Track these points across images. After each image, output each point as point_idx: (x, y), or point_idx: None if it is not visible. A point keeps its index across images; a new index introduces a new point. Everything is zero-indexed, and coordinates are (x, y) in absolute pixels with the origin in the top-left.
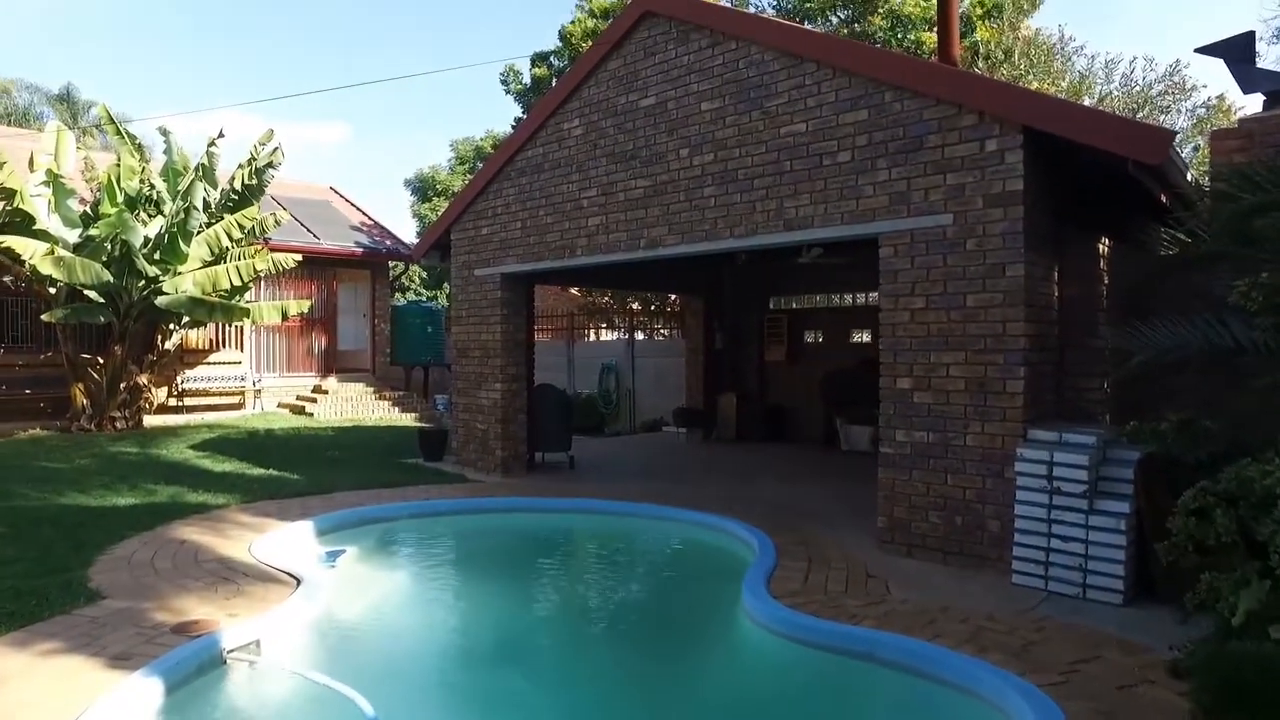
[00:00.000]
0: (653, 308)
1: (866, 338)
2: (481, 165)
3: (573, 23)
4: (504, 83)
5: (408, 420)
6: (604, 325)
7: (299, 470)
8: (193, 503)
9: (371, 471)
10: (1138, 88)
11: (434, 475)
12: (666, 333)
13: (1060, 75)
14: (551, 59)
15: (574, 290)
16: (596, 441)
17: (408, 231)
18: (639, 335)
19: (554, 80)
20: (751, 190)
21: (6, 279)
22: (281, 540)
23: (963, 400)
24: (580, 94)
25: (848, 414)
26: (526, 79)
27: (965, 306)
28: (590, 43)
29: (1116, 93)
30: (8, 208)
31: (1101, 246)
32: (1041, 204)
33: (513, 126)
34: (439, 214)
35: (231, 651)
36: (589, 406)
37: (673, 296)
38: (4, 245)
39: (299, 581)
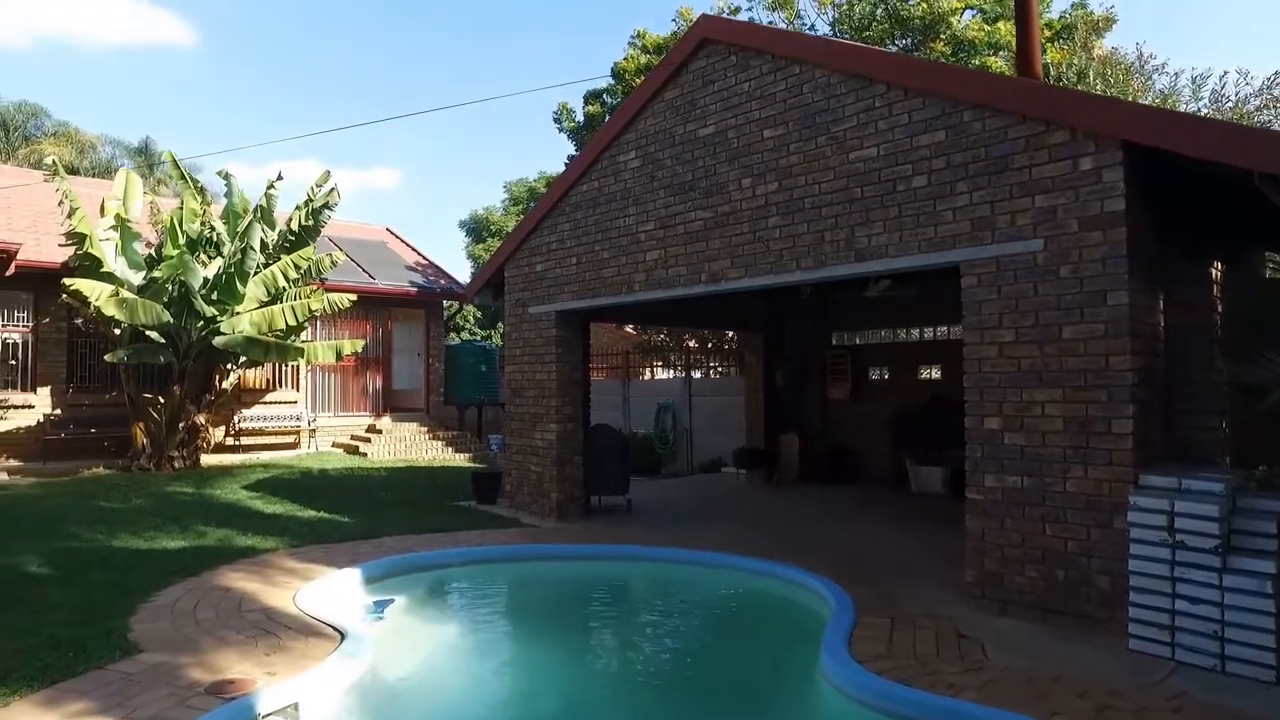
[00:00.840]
0: (710, 345)
1: (936, 374)
2: (535, 204)
3: (625, 58)
4: (557, 121)
5: (461, 461)
6: (660, 364)
7: (350, 513)
8: (241, 546)
9: (423, 514)
10: (1230, 103)
11: (487, 519)
12: (724, 371)
13: (1140, 94)
14: (604, 96)
15: (629, 328)
16: (654, 483)
17: (462, 272)
18: (696, 373)
19: (606, 117)
20: (819, 220)
21: (77, 321)
22: (328, 589)
23: (1061, 442)
24: (636, 125)
25: (918, 454)
26: (579, 116)
27: (1061, 339)
28: (643, 79)
29: (1206, 109)
30: (79, 252)
31: (1213, 271)
32: (1144, 225)
33: (566, 164)
34: (493, 254)
35: (267, 716)
36: (645, 447)
37: (730, 334)
38: (73, 288)
39: (343, 635)
